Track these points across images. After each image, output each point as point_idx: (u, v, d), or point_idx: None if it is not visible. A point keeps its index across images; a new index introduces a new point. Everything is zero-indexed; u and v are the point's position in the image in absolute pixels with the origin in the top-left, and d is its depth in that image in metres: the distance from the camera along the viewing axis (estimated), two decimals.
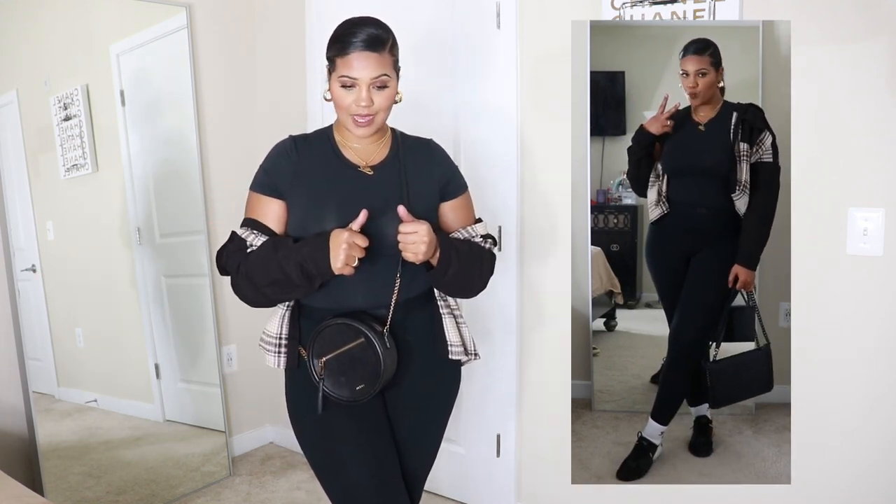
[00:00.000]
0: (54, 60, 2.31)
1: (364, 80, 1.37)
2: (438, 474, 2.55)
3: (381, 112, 1.42)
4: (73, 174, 2.36)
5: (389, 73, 1.40)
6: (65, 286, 2.34)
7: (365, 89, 1.38)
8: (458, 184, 1.58)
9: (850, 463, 1.81)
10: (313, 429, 1.51)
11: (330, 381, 1.44)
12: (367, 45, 1.36)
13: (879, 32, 1.66)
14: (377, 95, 1.39)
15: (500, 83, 2.22)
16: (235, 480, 2.71)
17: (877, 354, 1.75)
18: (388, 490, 1.50)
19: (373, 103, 1.39)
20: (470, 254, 1.50)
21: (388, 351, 1.43)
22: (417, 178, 1.50)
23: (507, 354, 2.33)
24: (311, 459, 1.54)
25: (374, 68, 1.37)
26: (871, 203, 1.71)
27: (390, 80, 1.40)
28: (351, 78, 1.37)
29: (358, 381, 1.43)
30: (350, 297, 1.46)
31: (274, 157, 1.48)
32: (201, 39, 2.66)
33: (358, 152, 1.49)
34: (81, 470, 2.38)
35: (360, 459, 1.49)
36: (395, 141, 1.53)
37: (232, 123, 2.79)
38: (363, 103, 1.38)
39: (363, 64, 1.36)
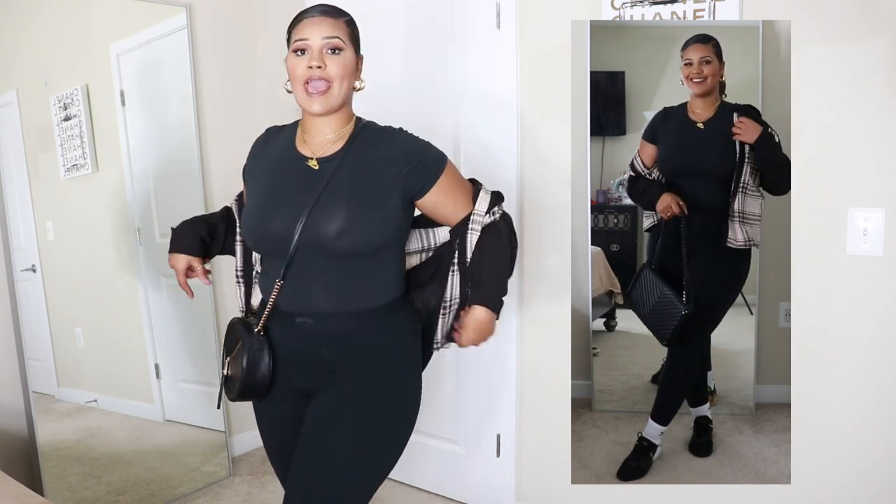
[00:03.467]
0: (54, 60, 2.31)
1: (315, 41, 1.36)
2: (439, 474, 2.55)
3: (336, 82, 1.37)
4: (73, 174, 2.36)
5: (344, 39, 1.38)
6: (65, 286, 2.34)
7: (317, 51, 1.36)
8: (430, 170, 1.42)
9: (850, 463, 1.81)
10: (254, 410, 1.63)
11: (228, 380, 1.49)
12: (320, 13, 1.38)
13: (879, 32, 1.66)
14: (330, 60, 1.36)
15: (499, 83, 2.22)
16: (235, 480, 2.71)
17: (877, 354, 1.75)
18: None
19: (325, 65, 1.35)
20: (493, 262, 1.48)
21: (256, 353, 1.41)
22: (369, 174, 1.39)
23: (507, 354, 2.33)
24: None
25: (326, 29, 1.36)
26: (871, 203, 1.71)
27: (345, 46, 1.38)
28: (302, 40, 1.36)
29: (237, 382, 1.45)
30: (282, 296, 1.42)
31: (252, 145, 1.56)
32: (201, 39, 2.66)
33: (311, 144, 1.44)
34: (81, 470, 2.38)
35: (272, 453, 1.63)
36: (355, 133, 1.43)
37: (232, 124, 2.79)
38: (315, 63, 1.35)
39: (315, 25, 1.37)
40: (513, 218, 1.48)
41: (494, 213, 1.49)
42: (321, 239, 1.35)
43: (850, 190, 1.74)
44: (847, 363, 1.79)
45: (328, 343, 1.42)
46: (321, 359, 1.43)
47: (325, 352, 1.42)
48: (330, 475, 1.40)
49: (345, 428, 1.41)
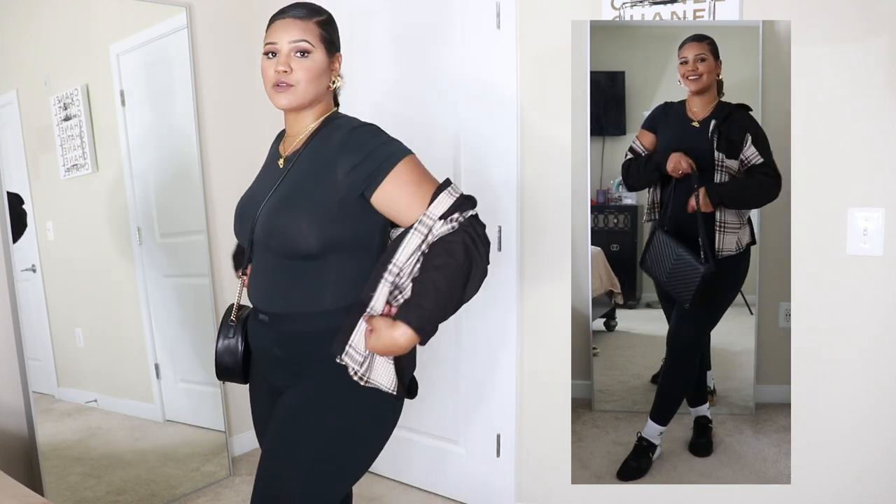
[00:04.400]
0: (54, 60, 2.31)
1: (283, 45, 1.37)
2: (438, 474, 2.56)
3: (303, 83, 1.37)
4: (73, 174, 2.36)
5: (311, 41, 1.38)
6: (65, 286, 2.34)
7: (284, 55, 1.37)
8: (380, 163, 1.32)
9: (850, 463, 1.81)
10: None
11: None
12: (291, 15, 1.39)
13: (879, 32, 1.66)
14: (296, 62, 1.37)
15: (500, 83, 2.22)
16: (235, 480, 2.71)
17: (877, 354, 1.75)
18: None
19: (291, 70, 1.36)
20: (433, 278, 1.28)
21: (228, 339, 1.54)
22: (320, 168, 1.36)
23: (507, 354, 2.33)
24: None
25: (294, 33, 1.37)
26: (871, 203, 1.71)
27: (312, 48, 1.38)
28: (271, 44, 1.39)
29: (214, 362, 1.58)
30: (249, 290, 1.49)
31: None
32: (201, 39, 2.66)
33: (285, 143, 1.47)
34: (81, 470, 2.38)
35: (259, 436, 1.62)
36: (317, 128, 1.42)
37: (232, 124, 2.79)
38: (280, 68, 1.36)
39: (283, 29, 1.38)
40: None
41: (453, 219, 1.31)
42: (265, 236, 1.39)
43: (850, 190, 1.74)
44: (847, 363, 1.79)
45: (279, 342, 1.44)
46: (273, 356, 1.46)
47: (276, 350, 1.44)
48: (288, 470, 1.39)
49: (304, 426, 1.40)
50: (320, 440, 1.39)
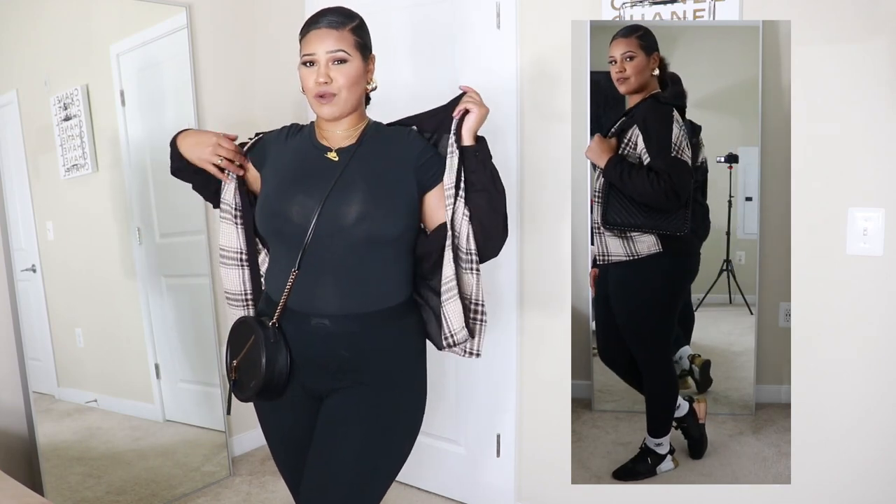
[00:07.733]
0: (54, 60, 2.31)
1: (321, 56, 1.41)
2: (439, 474, 2.55)
3: (344, 90, 1.42)
4: (73, 174, 2.36)
5: (348, 50, 1.41)
6: (65, 286, 2.34)
7: (323, 65, 1.41)
8: (441, 166, 1.48)
9: (850, 462, 1.81)
10: (259, 419, 1.64)
11: (238, 382, 1.49)
12: (326, 24, 1.41)
13: (879, 32, 1.66)
14: (335, 71, 1.41)
15: (500, 83, 2.22)
16: (235, 480, 2.71)
17: (876, 354, 1.75)
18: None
19: (331, 80, 1.41)
20: (497, 181, 1.50)
21: (272, 346, 1.43)
22: (386, 164, 1.46)
23: (507, 354, 2.33)
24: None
25: (331, 43, 1.40)
26: (871, 203, 1.71)
27: (349, 56, 1.41)
28: (309, 55, 1.42)
29: (252, 380, 1.45)
30: (293, 292, 1.44)
31: (267, 133, 1.59)
32: (201, 39, 2.66)
33: (330, 138, 1.50)
34: (81, 470, 2.38)
35: (283, 464, 1.60)
36: (369, 129, 1.51)
37: (232, 123, 2.79)
38: (321, 79, 1.40)
39: (320, 40, 1.41)
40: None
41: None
42: (339, 224, 1.39)
43: (850, 190, 1.74)
44: (846, 363, 1.79)
45: (344, 344, 1.43)
46: (336, 360, 1.44)
47: (343, 352, 1.44)
48: (344, 476, 1.40)
49: (359, 429, 1.43)
50: (380, 437, 1.44)
